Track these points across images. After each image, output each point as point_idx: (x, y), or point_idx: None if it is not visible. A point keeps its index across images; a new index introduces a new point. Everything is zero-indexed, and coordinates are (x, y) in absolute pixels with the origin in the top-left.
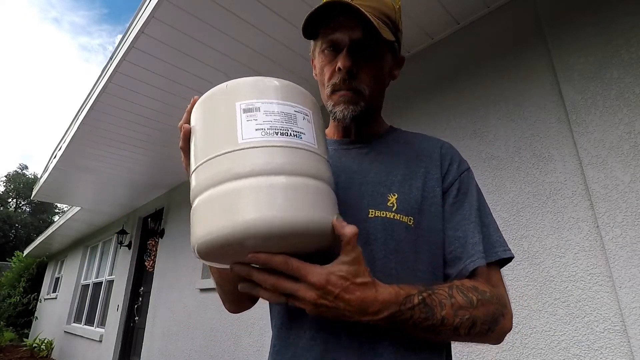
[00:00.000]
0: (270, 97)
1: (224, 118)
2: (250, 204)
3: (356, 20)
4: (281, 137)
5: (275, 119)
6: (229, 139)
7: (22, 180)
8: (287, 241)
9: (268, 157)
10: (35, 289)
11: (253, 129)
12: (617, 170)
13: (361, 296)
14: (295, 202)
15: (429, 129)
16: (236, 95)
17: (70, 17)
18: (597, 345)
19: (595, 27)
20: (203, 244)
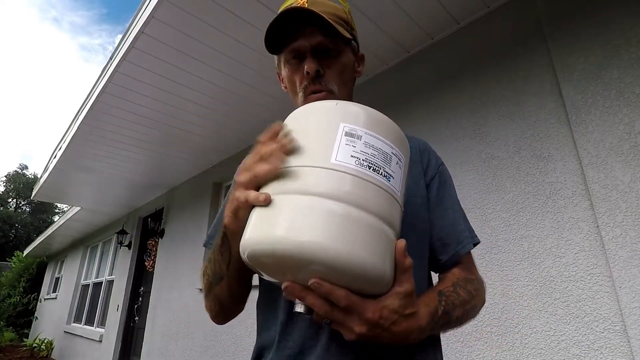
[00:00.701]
0: (374, 130)
1: (324, 132)
2: (336, 230)
3: (313, 25)
4: (372, 172)
5: (373, 153)
6: (323, 155)
7: (22, 180)
8: (354, 280)
9: (355, 188)
10: (35, 289)
11: (349, 154)
12: (617, 170)
13: (407, 327)
14: (376, 247)
15: (429, 128)
16: (343, 116)
17: (70, 17)
18: (597, 345)
19: (595, 27)
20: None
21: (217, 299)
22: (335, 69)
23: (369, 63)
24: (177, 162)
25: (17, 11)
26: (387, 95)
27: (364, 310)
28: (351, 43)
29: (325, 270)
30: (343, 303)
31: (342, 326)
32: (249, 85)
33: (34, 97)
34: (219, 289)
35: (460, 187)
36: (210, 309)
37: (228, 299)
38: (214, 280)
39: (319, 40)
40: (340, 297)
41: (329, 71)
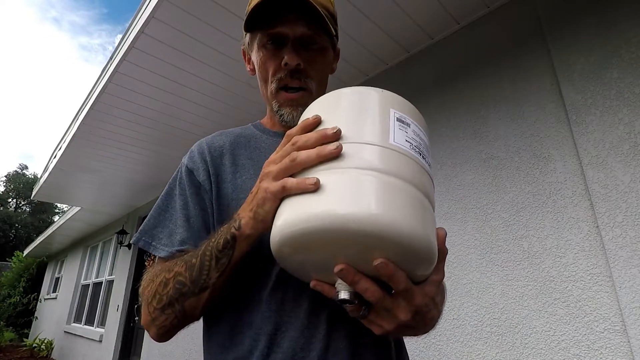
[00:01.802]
0: (418, 121)
1: (376, 114)
2: (403, 207)
3: (300, 13)
4: (421, 158)
5: (419, 141)
6: (380, 134)
7: (22, 180)
8: (411, 261)
9: (415, 170)
10: (35, 289)
11: (404, 138)
12: (617, 170)
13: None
14: (432, 229)
15: (429, 128)
16: (391, 103)
17: (69, 16)
18: (597, 345)
19: (595, 27)
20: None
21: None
22: (316, 65)
23: (369, 63)
24: (177, 162)
25: (16, 11)
26: None
27: (415, 295)
28: (334, 39)
29: (391, 250)
30: (402, 286)
31: (386, 315)
32: (249, 85)
33: (34, 97)
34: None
35: (460, 187)
36: (162, 325)
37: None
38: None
39: (303, 32)
40: (401, 280)
41: (309, 67)
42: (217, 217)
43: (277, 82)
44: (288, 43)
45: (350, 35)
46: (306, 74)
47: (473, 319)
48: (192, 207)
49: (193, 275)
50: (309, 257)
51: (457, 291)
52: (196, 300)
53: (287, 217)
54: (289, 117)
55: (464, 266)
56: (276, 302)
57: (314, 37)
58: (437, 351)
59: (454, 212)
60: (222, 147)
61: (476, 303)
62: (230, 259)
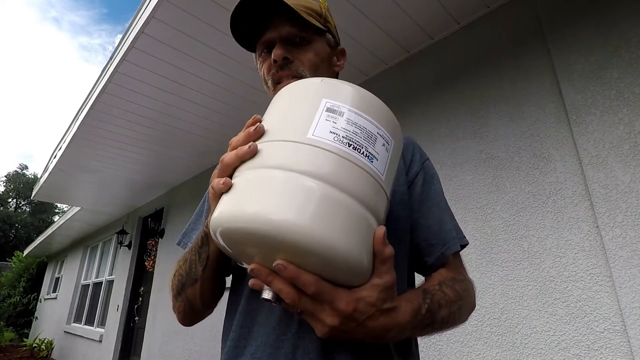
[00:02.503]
0: (360, 108)
1: (305, 108)
2: (307, 208)
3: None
4: (352, 150)
5: (355, 131)
6: (298, 129)
7: (22, 180)
8: (326, 266)
9: (331, 166)
10: (35, 289)
11: (327, 130)
12: (617, 170)
13: (384, 323)
14: (352, 231)
15: (429, 128)
16: (327, 92)
17: (69, 16)
18: (597, 345)
19: (595, 27)
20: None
21: (188, 301)
22: (305, 56)
23: (369, 63)
24: (177, 162)
25: (16, 11)
26: (387, 95)
27: (336, 300)
28: (325, 35)
29: (293, 252)
30: (311, 289)
31: (313, 318)
32: (249, 85)
33: (34, 97)
34: (191, 291)
35: (460, 187)
36: (179, 311)
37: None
38: (187, 281)
39: (288, 30)
40: (308, 283)
41: (299, 59)
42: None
43: (271, 78)
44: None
45: (350, 35)
46: (296, 64)
47: (473, 319)
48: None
49: (187, 268)
50: (236, 251)
51: None
52: (193, 290)
53: (215, 215)
54: None
55: None
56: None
57: (300, 34)
58: (437, 351)
59: (454, 212)
60: None
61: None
62: (208, 253)
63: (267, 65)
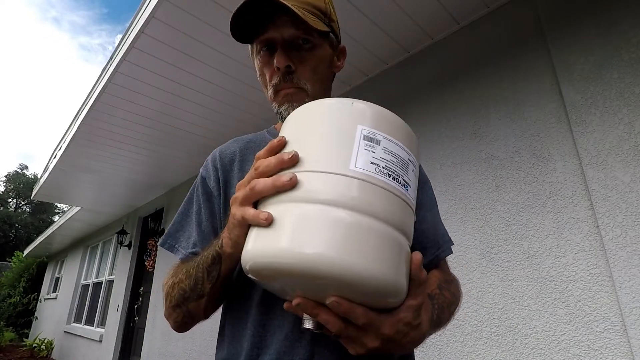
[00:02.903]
0: (392, 134)
1: (341, 134)
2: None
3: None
4: (392, 181)
5: (392, 160)
6: (340, 159)
7: (22, 180)
8: (370, 295)
9: (374, 197)
10: (35, 289)
11: (368, 160)
12: (617, 170)
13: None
14: (394, 260)
15: (429, 128)
16: (360, 118)
17: (69, 16)
18: (597, 345)
19: (595, 27)
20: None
21: (189, 314)
22: (308, 64)
23: (369, 63)
24: (177, 162)
25: (16, 11)
26: (387, 95)
27: (381, 326)
28: (329, 36)
29: (348, 290)
30: (362, 321)
31: (354, 342)
32: (249, 85)
33: (34, 97)
34: (194, 305)
35: (460, 187)
36: (176, 320)
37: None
38: (192, 296)
39: (291, 33)
40: (359, 316)
41: (301, 67)
42: (224, 219)
43: (273, 87)
44: (278, 47)
45: (350, 35)
46: (299, 75)
47: (473, 319)
48: (204, 213)
49: (191, 284)
50: (274, 285)
51: None
52: (197, 305)
53: (248, 248)
54: (286, 113)
55: (464, 266)
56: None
57: (303, 37)
58: (437, 351)
59: (454, 212)
60: (233, 153)
61: (476, 303)
62: (219, 272)
63: (270, 70)
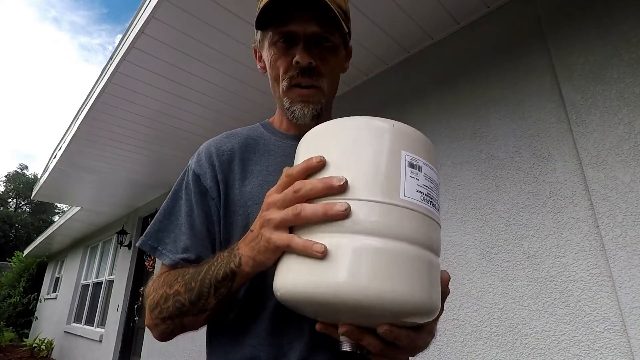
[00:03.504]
0: (429, 159)
1: (387, 159)
2: (407, 276)
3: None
4: (432, 207)
5: (430, 185)
6: (391, 188)
7: (22, 180)
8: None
9: (423, 227)
10: (35, 289)
11: (414, 189)
12: (617, 170)
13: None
14: (435, 283)
15: (429, 128)
16: (403, 143)
17: (69, 16)
18: (597, 345)
19: (595, 27)
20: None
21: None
22: (328, 64)
23: (369, 63)
24: (177, 161)
25: (16, 11)
26: (387, 95)
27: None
28: (346, 37)
29: (396, 316)
30: (405, 342)
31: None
32: (249, 85)
33: (34, 97)
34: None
35: (460, 187)
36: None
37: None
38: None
39: (315, 30)
40: (404, 338)
41: (321, 65)
42: (224, 222)
43: (288, 80)
44: (300, 41)
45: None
46: (318, 72)
47: (473, 319)
48: (197, 214)
49: (192, 298)
50: (311, 310)
51: (457, 291)
52: (194, 319)
53: (292, 277)
54: (300, 113)
55: (464, 266)
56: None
57: (326, 36)
58: (437, 351)
59: (454, 212)
60: (231, 150)
61: (476, 303)
62: (229, 289)
63: (286, 63)
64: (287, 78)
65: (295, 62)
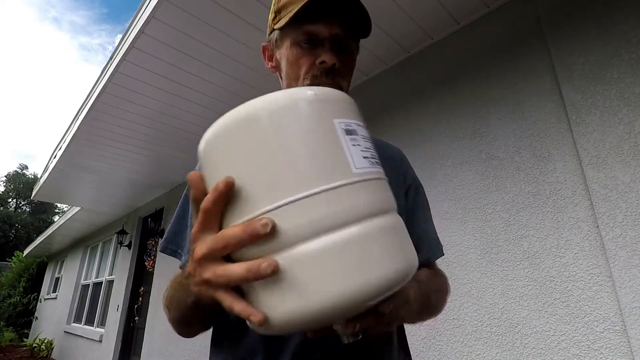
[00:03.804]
0: (356, 117)
1: (322, 137)
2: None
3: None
4: (379, 167)
5: (369, 145)
6: (339, 166)
7: (22, 180)
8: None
9: (382, 192)
10: (35, 289)
11: (361, 156)
12: (617, 170)
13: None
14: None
15: (429, 128)
16: (332, 110)
17: (69, 16)
18: (597, 345)
19: (595, 27)
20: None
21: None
22: (348, 66)
23: (369, 63)
24: (177, 161)
25: (16, 11)
26: (387, 95)
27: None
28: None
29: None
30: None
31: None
32: (249, 85)
33: (34, 97)
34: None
35: (460, 187)
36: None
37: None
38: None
39: (338, 33)
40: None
41: (342, 67)
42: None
43: (310, 79)
44: (324, 42)
45: None
46: (340, 73)
47: (473, 319)
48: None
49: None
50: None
51: (457, 291)
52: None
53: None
54: None
55: (464, 266)
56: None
57: (346, 40)
58: (437, 351)
59: (454, 212)
60: None
61: (476, 303)
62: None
63: (309, 63)
64: (309, 77)
65: (320, 62)
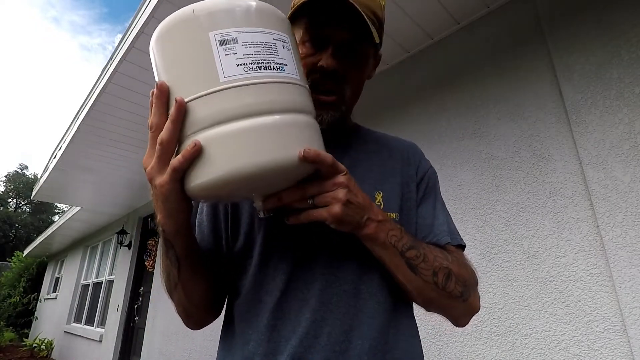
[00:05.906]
0: (247, 24)
1: (196, 53)
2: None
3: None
4: (265, 71)
5: (256, 50)
6: (208, 77)
7: (22, 180)
8: (294, 175)
9: (255, 97)
10: (35, 289)
11: (234, 64)
12: (617, 170)
13: (367, 197)
14: (296, 139)
15: (429, 128)
16: (208, 24)
17: (69, 16)
18: (597, 345)
19: (595, 27)
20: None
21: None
22: (353, 73)
23: None
24: None
25: (17, 11)
26: (387, 95)
27: (339, 176)
28: (377, 46)
29: (273, 177)
30: (332, 167)
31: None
32: None
33: (34, 97)
34: (177, 296)
35: (460, 187)
36: (179, 314)
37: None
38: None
39: (345, 37)
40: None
41: (346, 74)
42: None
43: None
44: (328, 46)
45: None
46: (341, 78)
47: (473, 319)
48: (206, 213)
49: (165, 276)
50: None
51: None
52: (178, 294)
53: (195, 181)
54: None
55: None
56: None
57: (355, 44)
58: (437, 351)
59: (454, 212)
60: None
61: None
62: (177, 255)
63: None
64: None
65: (320, 65)
